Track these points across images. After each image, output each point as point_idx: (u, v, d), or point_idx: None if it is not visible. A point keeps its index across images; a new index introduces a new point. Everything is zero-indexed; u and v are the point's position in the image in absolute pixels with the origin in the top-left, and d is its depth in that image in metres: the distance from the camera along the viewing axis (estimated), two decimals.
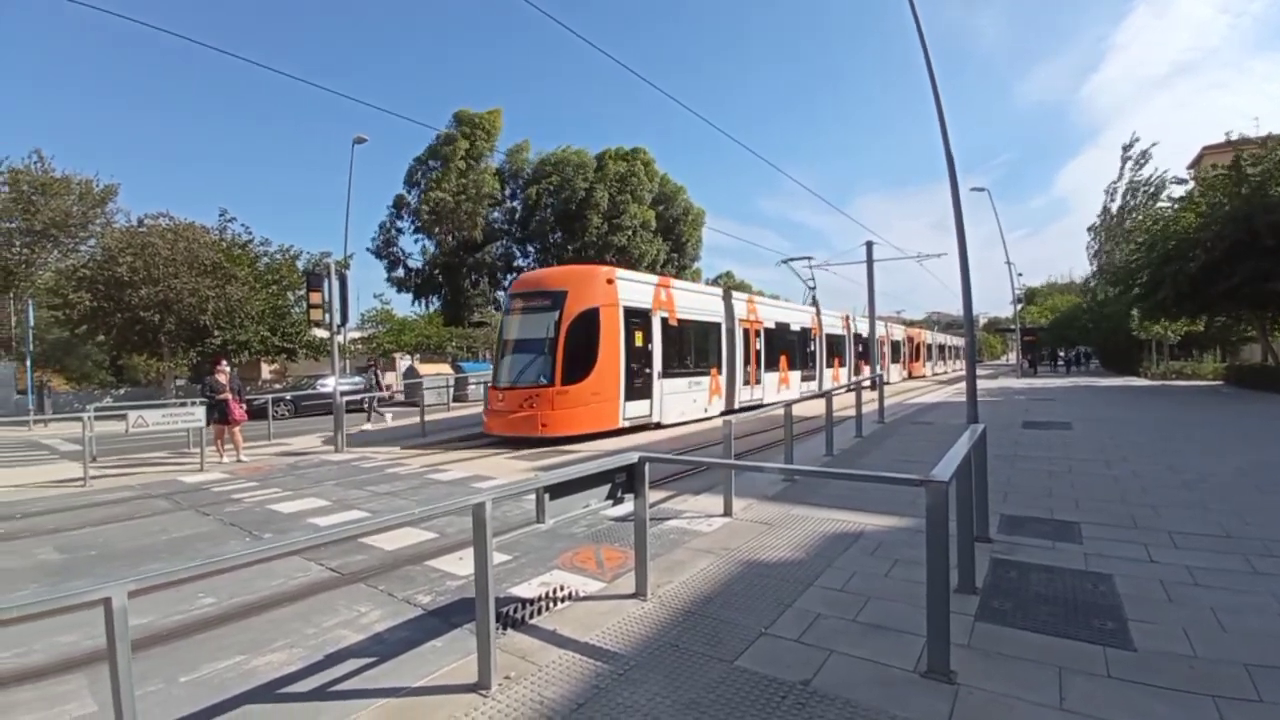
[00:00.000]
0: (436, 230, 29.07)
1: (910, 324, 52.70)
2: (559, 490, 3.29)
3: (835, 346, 25.59)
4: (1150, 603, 3.58)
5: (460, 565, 4.83)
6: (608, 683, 2.90)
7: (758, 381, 18.42)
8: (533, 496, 3.30)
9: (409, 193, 29.82)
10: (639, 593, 3.92)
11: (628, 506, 4.15)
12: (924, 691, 2.73)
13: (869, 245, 30.71)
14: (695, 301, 15.69)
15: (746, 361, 17.70)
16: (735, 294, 17.94)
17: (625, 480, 3.82)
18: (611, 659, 3.13)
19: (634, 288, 13.41)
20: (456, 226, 25.00)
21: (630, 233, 32.69)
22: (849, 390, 11.38)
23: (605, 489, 3.68)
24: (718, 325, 16.21)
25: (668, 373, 14.19)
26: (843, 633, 3.34)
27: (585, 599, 3.99)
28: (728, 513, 5.90)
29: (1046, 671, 2.88)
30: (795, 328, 21.42)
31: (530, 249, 32.71)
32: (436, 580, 4.55)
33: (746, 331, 17.78)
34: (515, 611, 3.70)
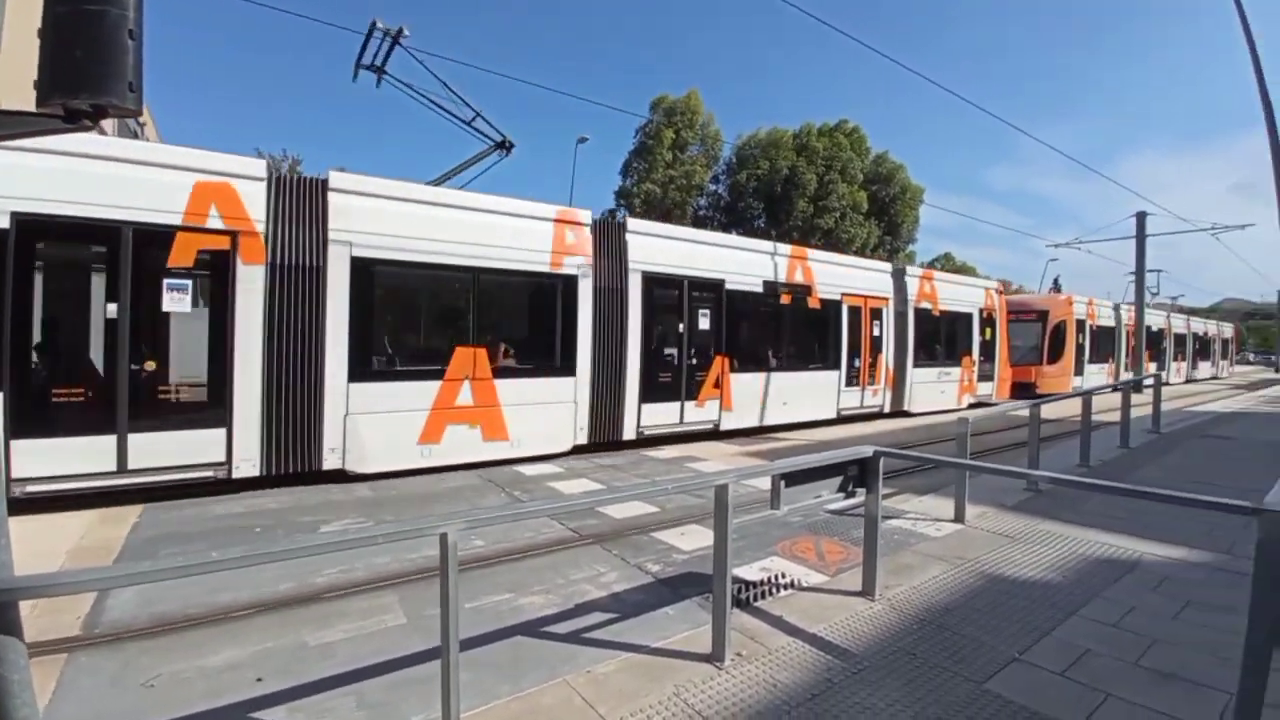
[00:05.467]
0: (651, 220, 30.51)
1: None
2: (794, 479, 3.32)
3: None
4: None
5: (682, 540, 5.11)
6: (841, 679, 2.89)
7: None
8: (752, 482, 3.38)
9: (627, 183, 31.48)
10: (866, 591, 3.81)
11: (853, 501, 4.04)
12: None
13: (1140, 216, 25.42)
14: None
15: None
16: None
17: (857, 474, 3.71)
18: (843, 655, 3.10)
19: None
20: (665, 216, 25.86)
21: (838, 215, 31.02)
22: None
23: (837, 481, 3.62)
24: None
25: None
26: (1121, 676, 2.91)
27: (809, 590, 3.98)
28: (959, 519, 5.43)
29: None
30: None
31: (736, 234, 32.91)
32: (663, 552, 4.87)
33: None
34: (741, 592, 3.82)
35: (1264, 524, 2.28)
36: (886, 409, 13.67)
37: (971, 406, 15.65)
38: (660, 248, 9.59)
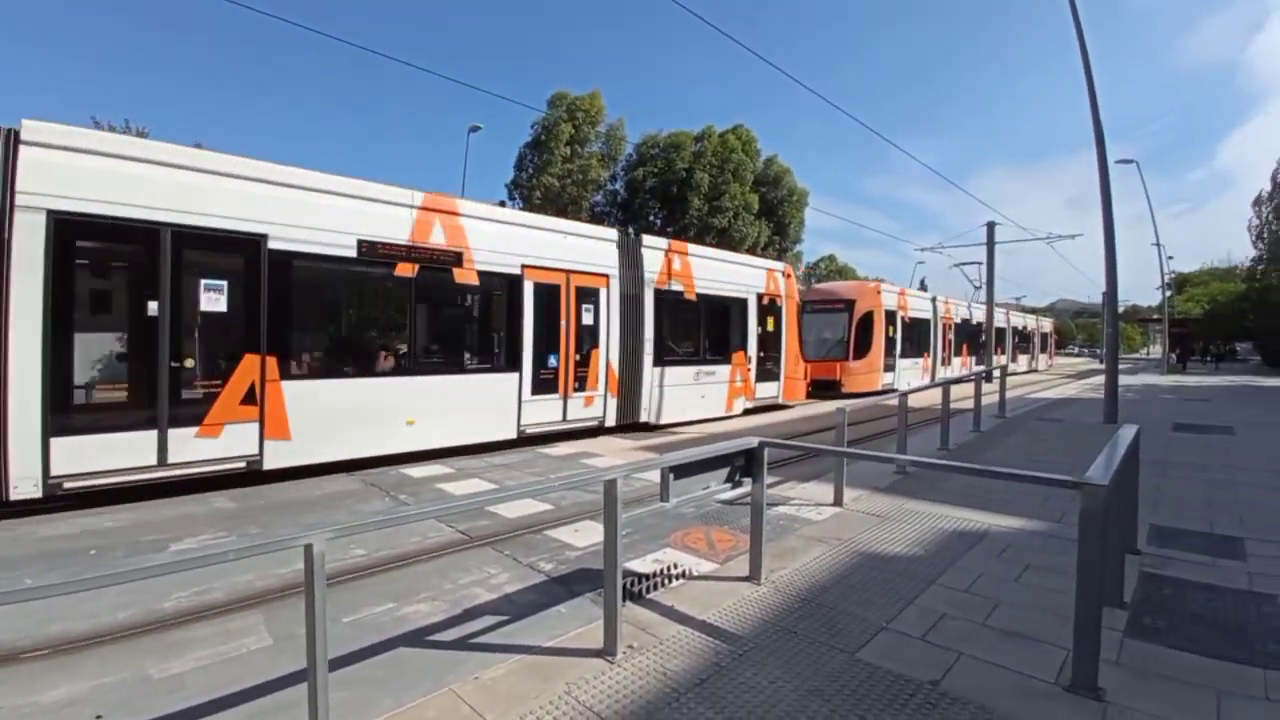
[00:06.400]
0: (547, 214, 29.75)
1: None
2: (683, 471, 3.38)
3: None
4: None
5: (576, 537, 5.07)
6: (728, 662, 2.98)
7: None
8: (644, 476, 3.41)
9: (521, 176, 30.76)
10: (753, 576, 3.95)
11: (741, 490, 4.18)
12: (1068, 706, 2.58)
13: (990, 225, 28.57)
14: None
15: None
16: None
17: (744, 464, 3.84)
18: (730, 639, 3.20)
19: None
20: (561, 211, 25.52)
21: (731, 214, 32.14)
22: None
23: (724, 471, 3.73)
24: None
25: None
26: (972, 636, 3.21)
27: (700, 578, 4.08)
28: (838, 502, 5.79)
29: (1203, 695, 2.68)
30: None
31: (632, 231, 33.04)
32: (556, 550, 4.81)
33: None
34: (633, 585, 3.84)
35: (1084, 496, 2.61)
36: (610, 421, 10.46)
37: (748, 412, 13.31)
38: (107, 172, 5.73)
